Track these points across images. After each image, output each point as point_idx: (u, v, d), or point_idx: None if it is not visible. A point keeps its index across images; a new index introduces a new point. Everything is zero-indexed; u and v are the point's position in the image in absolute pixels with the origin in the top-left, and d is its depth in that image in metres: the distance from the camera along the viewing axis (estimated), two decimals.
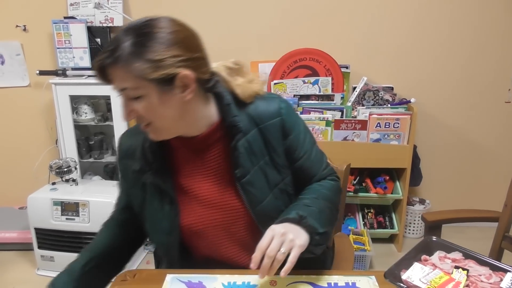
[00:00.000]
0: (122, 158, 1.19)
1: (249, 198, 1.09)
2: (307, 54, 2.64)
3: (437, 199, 3.00)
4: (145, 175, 1.10)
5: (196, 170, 1.12)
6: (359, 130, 2.52)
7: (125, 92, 0.96)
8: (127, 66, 0.91)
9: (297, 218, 1.01)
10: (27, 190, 2.45)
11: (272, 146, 1.11)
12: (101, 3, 2.65)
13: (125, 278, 1.11)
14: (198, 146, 1.10)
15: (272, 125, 1.11)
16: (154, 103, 0.96)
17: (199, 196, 1.12)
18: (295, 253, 0.93)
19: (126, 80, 0.93)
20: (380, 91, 2.63)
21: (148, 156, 1.10)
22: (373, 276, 1.07)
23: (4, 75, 2.90)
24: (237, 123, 1.06)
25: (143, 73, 0.91)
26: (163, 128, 1.02)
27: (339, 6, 2.72)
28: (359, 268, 2.44)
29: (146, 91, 0.94)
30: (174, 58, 0.93)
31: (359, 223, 2.75)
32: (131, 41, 0.92)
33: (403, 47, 2.77)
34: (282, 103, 1.13)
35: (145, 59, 0.91)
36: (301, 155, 1.16)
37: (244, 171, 1.08)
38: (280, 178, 1.13)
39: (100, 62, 0.94)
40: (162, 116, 0.99)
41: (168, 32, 0.94)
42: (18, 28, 2.80)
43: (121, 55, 0.91)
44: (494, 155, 2.93)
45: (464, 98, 2.83)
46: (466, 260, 1.04)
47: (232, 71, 1.13)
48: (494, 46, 2.73)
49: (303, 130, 1.17)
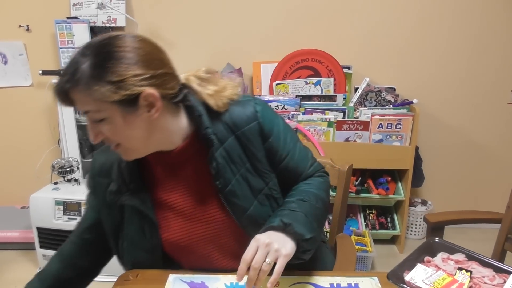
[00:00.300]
0: (96, 176, 1.14)
1: (233, 208, 1.06)
2: (309, 55, 2.64)
3: (439, 200, 2.99)
4: (123, 197, 1.06)
5: (177, 184, 1.09)
6: (361, 131, 2.51)
7: (88, 114, 0.93)
8: (87, 89, 0.88)
9: (281, 225, 0.97)
10: (29, 190, 2.46)
11: (252, 152, 1.08)
12: (104, 4, 2.65)
13: (127, 278, 1.11)
14: (176, 160, 1.07)
15: (250, 131, 1.08)
16: (119, 125, 0.93)
17: (183, 211, 1.09)
18: (281, 263, 0.91)
19: (88, 103, 0.90)
20: (382, 92, 2.63)
21: (125, 177, 1.06)
22: (376, 277, 1.07)
23: (7, 75, 2.91)
24: (209, 136, 1.02)
25: (103, 95, 0.87)
26: (133, 149, 0.99)
27: (342, 7, 2.72)
28: (361, 269, 2.44)
29: (109, 113, 0.91)
30: (136, 77, 0.89)
31: (361, 224, 2.75)
32: (89, 62, 0.88)
33: (406, 48, 2.77)
34: (257, 106, 1.10)
35: (105, 81, 0.87)
36: (284, 156, 1.13)
37: (225, 182, 1.05)
38: (264, 184, 1.10)
39: (60, 86, 0.90)
40: (129, 137, 0.96)
41: (129, 51, 0.90)
42: (21, 28, 2.80)
43: (80, 78, 0.87)
44: (497, 156, 2.92)
45: (466, 99, 2.83)
46: (469, 262, 1.04)
47: (203, 81, 1.07)
48: (496, 47, 2.72)
49: (283, 129, 1.14)
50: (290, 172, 1.16)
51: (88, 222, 1.18)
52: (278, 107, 2.53)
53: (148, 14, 2.75)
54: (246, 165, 1.08)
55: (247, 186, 1.07)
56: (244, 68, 2.73)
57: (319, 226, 1.09)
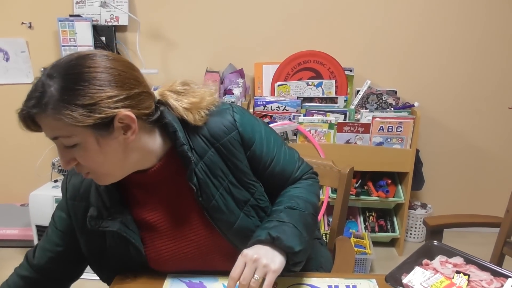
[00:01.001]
0: (70, 200, 1.08)
1: (219, 224, 1.02)
2: (311, 57, 2.64)
3: (439, 203, 2.99)
4: (104, 222, 1.00)
5: (158, 203, 1.05)
6: (362, 133, 2.51)
7: (58, 140, 0.86)
8: (57, 114, 0.81)
9: (269, 239, 0.95)
10: (29, 187, 2.46)
11: (234, 164, 1.04)
12: (106, 2, 2.65)
13: (125, 278, 1.10)
14: (153, 180, 1.02)
15: (230, 141, 1.03)
16: (92, 150, 0.87)
17: (166, 230, 1.06)
18: (270, 279, 0.90)
19: (57, 129, 0.84)
20: (383, 94, 2.63)
21: (104, 200, 1.01)
22: (374, 279, 1.07)
23: (9, 72, 2.91)
24: (185, 153, 0.97)
25: (75, 120, 0.81)
26: (108, 174, 0.94)
27: (344, 9, 2.72)
28: (360, 272, 2.44)
29: (81, 138, 0.85)
30: (109, 99, 0.84)
31: (360, 226, 2.75)
32: (58, 85, 0.82)
33: (407, 51, 2.77)
34: (235, 114, 1.05)
35: (77, 105, 0.81)
36: (268, 163, 1.09)
37: (208, 197, 1.00)
38: (249, 195, 1.06)
39: (26, 111, 0.84)
40: (103, 163, 0.90)
41: (101, 71, 0.85)
42: (24, 25, 2.80)
43: (48, 102, 0.81)
44: (497, 161, 2.92)
45: (467, 103, 2.83)
46: (468, 265, 1.04)
47: (179, 95, 1.02)
48: (498, 51, 2.72)
49: (265, 135, 1.10)
50: (277, 178, 1.13)
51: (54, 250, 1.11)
52: (279, 108, 2.53)
53: (151, 13, 2.75)
54: (229, 177, 1.04)
55: (231, 199, 1.03)
56: (246, 68, 2.73)
57: (309, 234, 1.04)
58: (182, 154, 0.98)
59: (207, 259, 1.08)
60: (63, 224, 1.10)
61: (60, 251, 1.11)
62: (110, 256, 1.08)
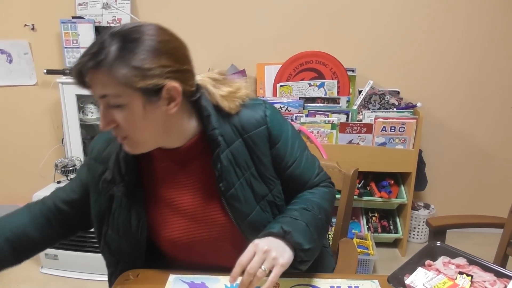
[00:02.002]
0: (93, 159, 1.12)
1: (234, 212, 1.05)
2: (313, 57, 2.64)
3: (442, 204, 2.99)
4: (116, 187, 1.04)
5: (180, 182, 1.08)
6: (364, 134, 2.51)
7: (105, 99, 0.89)
8: (112, 72, 0.85)
9: (281, 232, 0.96)
10: (33, 189, 2.46)
11: (258, 157, 1.07)
12: (109, 4, 2.66)
13: (128, 278, 1.11)
14: (181, 158, 1.06)
15: (257, 135, 1.06)
16: (136, 114, 0.90)
17: (183, 209, 1.08)
18: (277, 272, 0.90)
19: (109, 86, 0.87)
20: (386, 95, 2.63)
21: (121, 168, 1.04)
22: (377, 280, 1.07)
23: (12, 74, 2.92)
24: (215, 137, 1.01)
25: (129, 80, 0.85)
26: (142, 142, 0.97)
27: (346, 10, 2.72)
28: (362, 272, 2.43)
29: (129, 100, 0.88)
30: (163, 68, 0.88)
31: (363, 227, 2.75)
32: (117, 46, 0.86)
33: (410, 51, 2.76)
34: (267, 110, 1.09)
35: (133, 66, 0.85)
36: (290, 163, 1.12)
37: (228, 185, 1.03)
38: (267, 190, 1.09)
39: (81, 65, 0.87)
40: (143, 129, 0.93)
41: (158, 41, 0.89)
42: (27, 27, 2.81)
43: (105, 59, 0.85)
44: (500, 161, 2.91)
45: (470, 103, 2.82)
46: (471, 266, 1.04)
47: (217, 82, 1.07)
48: (501, 52, 2.72)
49: (291, 136, 1.13)
50: (295, 180, 1.14)
51: (70, 195, 1.15)
52: (281, 108, 2.52)
53: (153, 14, 2.75)
54: (251, 169, 1.06)
55: (250, 191, 1.06)
56: (248, 69, 2.73)
57: (319, 237, 1.07)
58: (212, 137, 1.01)
59: (217, 246, 1.10)
60: (84, 177, 1.14)
61: (74, 198, 1.14)
62: (112, 224, 1.10)
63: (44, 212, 1.14)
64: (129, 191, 1.05)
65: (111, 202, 1.10)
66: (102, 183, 1.06)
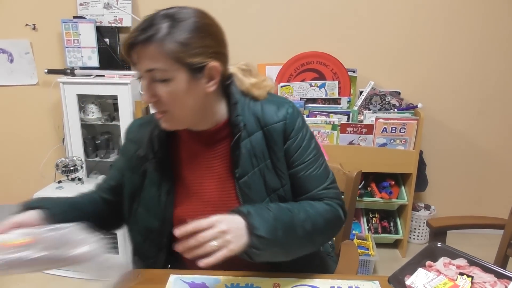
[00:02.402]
0: (128, 140, 1.20)
1: (245, 199, 1.07)
2: (314, 58, 2.64)
3: (443, 205, 2.99)
4: (148, 162, 1.12)
5: (200, 165, 1.12)
6: (365, 135, 2.51)
7: (152, 73, 0.95)
8: (162, 46, 0.92)
9: (244, 212, 0.96)
10: (33, 188, 2.47)
11: (274, 151, 1.10)
12: (110, 3, 2.66)
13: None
14: (205, 141, 1.11)
15: (275, 128, 1.09)
16: (180, 89, 0.96)
17: (199, 192, 1.12)
18: (223, 254, 0.88)
19: (158, 60, 0.93)
20: (387, 95, 2.63)
21: (154, 145, 1.11)
22: (377, 281, 1.07)
23: (13, 73, 2.92)
24: (238, 123, 1.06)
25: (178, 55, 0.92)
26: (179, 118, 1.02)
27: (347, 10, 2.72)
28: (363, 273, 2.43)
29: (175, 74, 0.95)
30: (207, 48, 0.96)
31: (363, 228, 2.75)
32: (168, 23, 0.93)
33: (411, 52, 2.76)
34: (290, 108, 1.12)
35: (182, 43, 0.92)
36: (296, 164, 1.11)
37: (243, 172, 1.07)
38: (280, 184, 1.11)
39: (132, 39, 0.93)
40: (183, 104, 0.99)
41: (203, 23, 0.97)
42: (28, 26, 2.82)
43: (156, 34, 0.91)
44: (501, 162, 2.91)
45: (471, 104, 2.82)
46: (471, 267, 1.04)
47: (245, 72, 1.15)
48: (502, 52, 2.72)
49: (307, 140, 1.13)
50: (298, 183, 1.13)
51: (110, 183, 1.22)
52: None
53: None
54: (266, 161, 1.10)
55: (262, 181, 1.09)
56: None
57: (286, 237, 1.01)
58: (235, 123, 1.06)
59: None
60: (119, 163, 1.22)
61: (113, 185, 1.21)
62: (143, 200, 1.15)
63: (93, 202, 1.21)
64: (160, 167, 1.11)
65: (143, 180, 1.15)
66: (135, 159, 1.14)
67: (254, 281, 1.07)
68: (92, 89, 2.63)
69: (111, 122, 2.78)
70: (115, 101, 2.71)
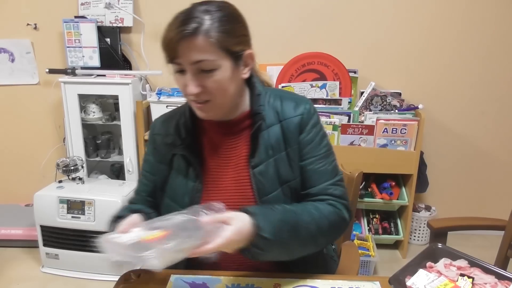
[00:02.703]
0: (155, 134, 1.22)
1: (258, 187, 1.10)
2: (315, 58, 2.64)
3: (443, 206, 2.98)
4: (177, 148, 1.15)
5: (219, 154, 1.15)
6: (366, 135, 2.51)
7: (199, 64, 0.97)
8: (209, 37, 0.95)
9: (252, 212, 0.97)
10: (34, 188, 2.47)
11: (289, 143, 1.13)
12: (111, 3, 2.66)
13: (129, 278, 1.11)
14: (226, 131, 1.15)
15: (292, 121, 1.14)
16: (226, 77, 1.01)
17: (216, 180, 1.14)
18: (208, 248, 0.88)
19: (206, 51, 0.96)
20: (388, 96, 2.63)
21: (181, 131, 1.15)
22: (378, 281, 1.07)
23: (14, 73, 2.93)
24: (261, 111, 1.11)
25: (224, 44, 0.97)
26: (221, 106, 1.06)
27: (348, 11, 2.72)
28: (363, 274, 2.43)
29: (222, 63, 0.99)
30: (245, 36, 1.05)
31: (364, 229, 2.74)
32: (209, 15, 0.96)
33: (412, 52, 2.76)
34: (307, 105, 1.17)
35: (226, 32, 0.97)
36: (307, 156, 1.14)
37: (258, 161, 1.11)
38: (293, 176, 1.13)
39: (179, 33, 0.95)
40: (227, 92, 1.03)
41: (238, 13, 1.04)
42: (29, 26, 2.82)
43: (202, 26, 0.95)
44: (502, 163, 2.91)
45: (472, 105, 2.82)
46: (472, 268, 1.04)
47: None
48: (503, 53, 2.71)
49: (320, 136, 1.16)
50: (305, 175, 1.14)
51: (147, 188, 1.23)
52: None
53: (156, 14, 2.76)
54: (282, 153, 1.13)
55: (276, 172, 1.11)
56: None
57: (291, 239, 1.02)
58: (257, 112, 1.12)
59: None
60: (149, 164, 1.23)
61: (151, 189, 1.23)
62: (170, 189, 1.17)
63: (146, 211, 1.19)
64: (188, 153, 1.14)
65: (170, 167, 1.18)
66: (164, 146, 1.17)
67: (255, 281, 1.07)
68: (93, 89, 2.64)
69: (112, 122, 2.79)
70: (116, 101, 2.71)
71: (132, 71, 2.78)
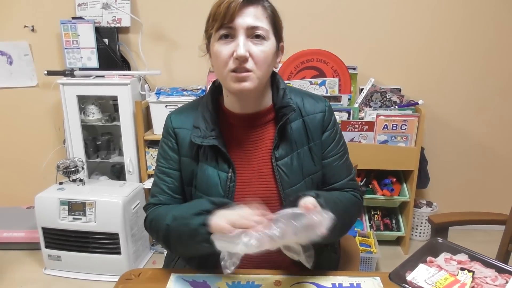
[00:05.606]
0: (176, 128, 1.21)
1: (281, 179, 1.14)
2: (314, 55, 2.64)
3: (444, 201, 2.98)
4: (207, 139, 1.13)
5: (242, 147, 1.18)
6: (366, 132, 2.51)
7: (255, 30, 1.04)
8: (267, 10, 1.08)
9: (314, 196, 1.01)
10: (35, 190, 2.47)
11: (312, 138, 1.18)
12: (108, 4, 2.66)
13: (130, 277, 1.11)
14: (249, 124, 1.17)
15: (315, 118, 1.20)
16: (271, 51, 1.07)
17: (241, 173, 1.16)
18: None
19: (263, 20, 1.06)
20: (387, 92, 2.62)
21: (207, 123, 1.15)
22: (378, 277, 1.07)
23: (12, 75, 2.93)
24: (291, 104, 1.15)
25: (276, 23, 1.11)
26: (260, 80, 1.07)
27: (347, 7, 2.71)
28: (365, 270, 2.43)
29: (271, 37, 1.08)
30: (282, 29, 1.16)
31: (365, 225, 2.74)
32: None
33: (411, 48, 2.76)
34: (326, 103, 1.24)
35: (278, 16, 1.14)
36: (331, 154, 1.22)
37: (283, 153, 1.15)
38: (315, 170, 1.19)
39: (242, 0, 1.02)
40: (268, 67, 1.08)
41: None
42: (26, 28, 2.82)
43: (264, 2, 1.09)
44: (502, 158, 2.91)
45: (472, 100, 2.81)
46: (472, 262, 1.04)
47: None
48: (503, 49, 2.71)
49: (339, 134, 1.25)
50: (329, 172, 1.22)
51: (171, 186, 1.22)
52: None
53: (153, 14, 2.75)
54: (304, 147, 1.18)
55: (299, 165, 1.16)
56: None
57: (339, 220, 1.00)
58: (286, 104, 1.15)
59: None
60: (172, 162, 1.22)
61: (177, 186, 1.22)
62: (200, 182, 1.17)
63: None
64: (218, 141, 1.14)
65: (196, 161, 1.18)
66: (194, 138, 1.15)
67: (255, 278, 1.07)
68: (92, 90, 2.64)
69: (111, 123, 2.79)
70: (115, 102, 2.71)
71: (131, 71, 2.78)
